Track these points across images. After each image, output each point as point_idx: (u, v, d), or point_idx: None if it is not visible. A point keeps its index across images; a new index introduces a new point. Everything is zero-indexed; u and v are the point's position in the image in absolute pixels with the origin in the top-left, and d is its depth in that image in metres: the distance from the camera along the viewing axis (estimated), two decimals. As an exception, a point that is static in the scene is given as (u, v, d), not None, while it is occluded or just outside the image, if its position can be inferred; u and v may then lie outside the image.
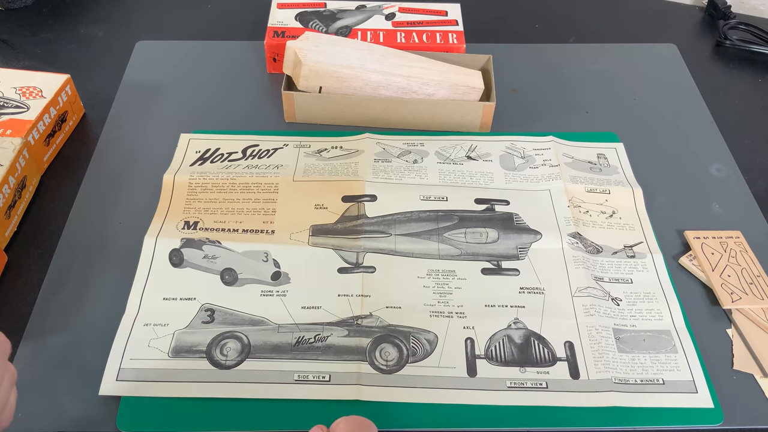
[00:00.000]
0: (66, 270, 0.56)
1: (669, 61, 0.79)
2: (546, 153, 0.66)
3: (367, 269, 0.56)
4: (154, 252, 0.57)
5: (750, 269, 0.57)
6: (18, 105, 0.64)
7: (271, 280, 0.55)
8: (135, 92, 0.73)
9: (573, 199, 0.62)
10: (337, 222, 0.60)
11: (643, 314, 0.54)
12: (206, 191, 0.62)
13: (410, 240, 0.58)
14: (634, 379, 0.50)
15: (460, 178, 0.64)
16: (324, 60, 0.66)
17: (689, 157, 0.68)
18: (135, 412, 0.47)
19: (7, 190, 0.57)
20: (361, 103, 0.68)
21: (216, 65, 0.76)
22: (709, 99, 0.74)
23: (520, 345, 0.52)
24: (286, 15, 0.76)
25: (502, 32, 0.84)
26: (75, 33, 0.82)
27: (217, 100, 0.72)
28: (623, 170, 0.65)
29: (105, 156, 0.66)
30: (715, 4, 0.85)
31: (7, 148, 0.59)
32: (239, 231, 0.59)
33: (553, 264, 0.57)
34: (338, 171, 0.64)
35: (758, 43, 0.82)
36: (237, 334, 0.52)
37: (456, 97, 0.69)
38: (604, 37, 0.83)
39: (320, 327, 0.52)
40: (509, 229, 0.59)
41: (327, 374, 0.50)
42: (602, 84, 0.76)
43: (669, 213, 0.62)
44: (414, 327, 0.53)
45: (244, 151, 0.66)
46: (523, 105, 0.73)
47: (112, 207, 0.61)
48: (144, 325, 0.52)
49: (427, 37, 0.74)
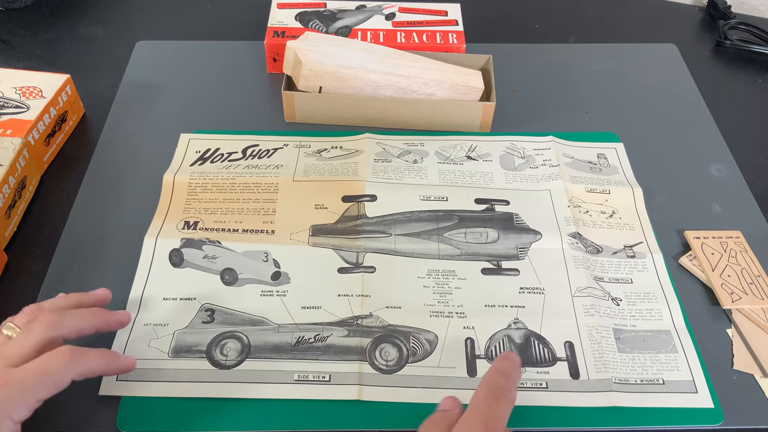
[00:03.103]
0: (66, 270, 0.56)
1: (669, 61, 0.79)
2: (546, 153, 0.66)
3: (367, 269, 0.56)
4: (154, 252, 0.57)
5: (750, 269, 0.57)
6: (18, 105, 0.64)
7: (271, 280, 0.55)
8: (135, 92, 0.73)
9: (573, 199, 0.62)
10: (337, 222, 0.60)
11: (643, 314, 0.54)
12: (206, 191, 0.62)
13: (410, 240, 0.58)
14: (634, 379, 0.50)
15: (460, 178, 0.64)
16: (324, 60, 0.66)
17: (689, 157, 0.68)
18: (135, 412, 0.47)
19: (7, 190, 0.57)
20: (361, 103, 0.68)
21: (216, 65, 0.76)
22: (709, 99, 0.74)
23: (520, 345, 0.52)
24: (286, 15, 0.76)
25: (502, 32, 0.84)
26: (75, 33, 0.82)
27: (217, 100, 0.72)
28: (623, 170, 0.65)
29: (105, 156, 0.66)
30: (715, 4, 0.85)
31: (7, 148, 0.59)
32: (239, 231, 0.59)
33: (553, 264, 0.57)
34: (338, 171, 0.64)
35: (758, 43, 0.82)
36: (237, 334, 0.52)
37: (456, 97, 0.69)
38: (604, 37, 0.83)
39: (320, 327, 0.52)
40: (509, 229, 0.59)
41: (327, 374, 0.50)
42: (602, 84, 0.76)
43: (669, 213, 0.62)
44: (414, 327, 0.53)
45: (244, 151, 0.66)
46: (523, 105, 0.73)
47: (112, 207, 0.61)
48: (144, 325, 0.52)
49: (427, 37, 0.74)
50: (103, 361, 0.45)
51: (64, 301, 0.48)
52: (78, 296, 0.49)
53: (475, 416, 0.39)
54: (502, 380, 0.42)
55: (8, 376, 0.40)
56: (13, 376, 0.40)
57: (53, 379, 0.42)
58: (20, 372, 0.41)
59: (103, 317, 0.47)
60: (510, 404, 0.41)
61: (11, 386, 0.40)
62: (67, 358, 0.42)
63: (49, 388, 0.41)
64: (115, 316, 0.49)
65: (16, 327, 0.44)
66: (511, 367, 0.43)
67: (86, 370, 0.43)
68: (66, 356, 0.42)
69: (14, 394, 0.40)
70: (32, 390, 0.41)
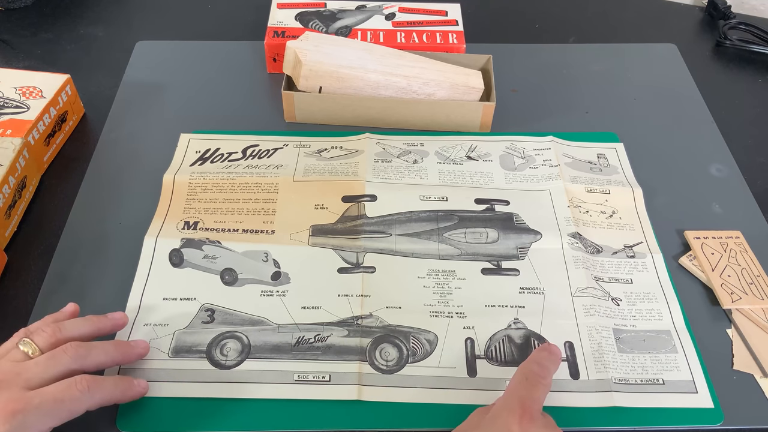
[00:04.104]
0: (66, 270, 0.56)
1: (669, 61, 0.79)
2: (546, 153, 0.66)
3: (367, 269, 0.56)
4: (154, 252, 0.57)
5: (750, 269, 0.57)
6: (18, 105, 0.64)
7: (271, 280, 0.55)
8: (135, 92, 0.73)
9: (573, 199, 0.62)
10: (337, 222, 0.60)
11: (643, 314, 0.54)
12: (206, 191, 0.62)
13: (410, 240, 0.58)
14: (634, 379, 0.50)
15: (460, 178, 0.64)
16: (324, 60, 0.66)
17: (689, 157, 0.68)
18: (135, 412, 0.47)
19: (7, 190, 0.57)
20: (361, 103, 0.68)
21: (216, 65, 0.76)
22: (709, 99, 0.74)
23: (520, 345, 0.52)
24: (286, 15, 0.76)
25: (502, 32, 0.84)
26: (75, 33, 0.82)
27: (217, 100, 0.72)
28: (623, 170, 0.65)
29: (105, 156, 0.66)
30: (715, 4, 0.85)
31: (7, 148, 0.59)
32: (239, 231, 0.59)
33: (553, 264, 0.57)
34: (338, 171, 0.64)
35: (758, 43, 0.82)
36: (237, 334, 0.52)
37: (456, 97, 0.69)
38: (604, 37, 0.83)
39: (320, 327, 0.52)
40: (509, 229, 0.59)
41: (327, 374, 0.50)
42: (602, 84, 0.76)
43: (669, 213, 0.62)
44: (414, 327, 0.53)
45: (244, 151, 0.66)
46: (523, 105, 0.73)
47: (112, 207, 0.61)
48: (144, 325, 0.52)
49: (427, 37, 0.74)
50: (119, 390, 0.45)
51: (83, 325, 0.47)
52: (97, 322, 0.48)
53: (512, 396, 0.42)
54: (537, 368, 0.44)
55: (26, 400, 0.40)
56: (31, 401, 0.40)
57: (69, 407, 0.42)
58: (37, 397, 0.41)
59: (124, 352, 0.48)
60: (546, 389, 0.43)
61: (28, 411, 0.40)
62: (85, 389, 0.42)
63: (63, 416, 0.42)
64: (135, 350, 0.49)
65: (34, 344, 0.44)
66: (547, 359, 0.45)
67: (102, 400, 0.44)
68: (84, 387, 0.42)
69: (30, 420, 0.40)
70: (47, 416, 0.41)
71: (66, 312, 0.49)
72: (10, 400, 0.40)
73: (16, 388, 0.41)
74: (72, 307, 0.50)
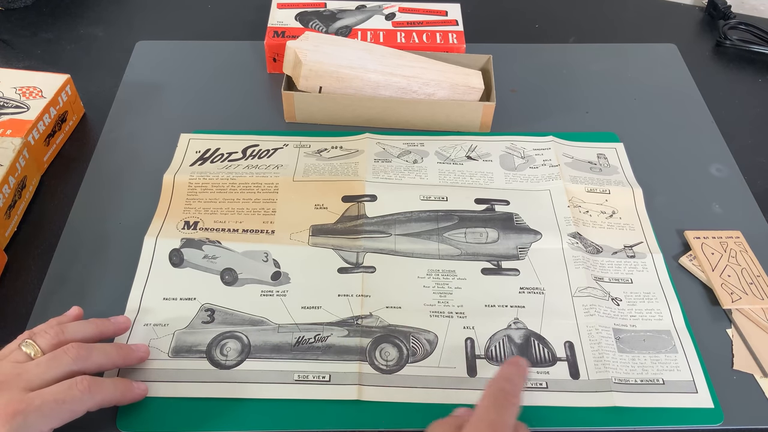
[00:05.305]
0: (66, 270, 0.56)
1: (669, 61, 0.79)
2: (546, 153, 0.66)
3: (367, 269, 0.56)
4: (154, 252, 0.57)
5: (750, 269, 0.57)
6: (18, 105, 0.64)
7: (271, 280, 0.55)
8: (135, 92, 0.73)
9: (573, 199, 0.62)
10: (337, 222, 0.60)
11: (643, 314, 0.54)
12: (206, 191, 0.62)
13: (410, 240, 0.58)
14: (634, 379, 0.50)
15: (460, 178, 0.64)
16: (324, 60, 0.66)
17: (689, 157, 0.68)
18: (135, 412, 0.47)
19: (7, 190, 0.57)
20: (361, 103, 0.68)
21: (216, 65, 0.76)
22: (709, 99, 0.74)
23: (520, 345, 0.52)
24: (286, 15, 0.76)
25: (502, 32, 0.84)
26: (75, 33, 0.82)
27: (217, 100, 0.72)
28: (623, 170, 0.65)
29: (105, 156, 0.66)
30: (715, 4, 0.85)
31: (7, 148, 0.59)
32: (239, 231, 0.59)
33: (553, 264, 0.57)
34: (338, 171, 0.64)
35: (758, 43, 0.82)
36: (237, 334, 0.52)
37: (456, 97, 0.69)
38: (604, 37, 0.83)
39: (320, 327, 0.52)
40: (509, 229, 0.59)
41: (327, 374, 0.50)
42: (602, 84, 0.76)
43: (669, 213, 0.62)
44: (414, 327, 0.53)
45: (244, 151, 0.66)
46: (523, 105, 0.73)
47: (112, 207, 0.61)
48: (144, 325, 0.52)
49: (427, 37, 0.74)
50: (118, 392, 0.45)
51: (86, 328, 0.47)
52: (100, 325, 0.49)
53: (482, 421, 0.40)
54: (508, 386, 0.42)
55: (27, 401, 0.40)
56: (31, 402, 0.40)
57: (70, 408, 0.42)
58: (38, 398, 0.41)
59: (125, 355, 0.48)
60: (515, 409, 0.41)
61: (29, 413, 0.40)
62: (86, 389, 0.42)
63: (64, 417, 0.42)
64: (136, 353, 0.49)
65: (37, 346, 0.44)
66: (516, 374, 0.43)
67: (103, 401, 0.44)
68: (85, 388, 0.42)
69: (31, 420, 0.40)
70: (48, 417, 0.41)
71: (69, 315, 0.49)
72: (11, 401, 0.40)
73: (17, 389, 0.41)
74: (76, 311, 0.50)
